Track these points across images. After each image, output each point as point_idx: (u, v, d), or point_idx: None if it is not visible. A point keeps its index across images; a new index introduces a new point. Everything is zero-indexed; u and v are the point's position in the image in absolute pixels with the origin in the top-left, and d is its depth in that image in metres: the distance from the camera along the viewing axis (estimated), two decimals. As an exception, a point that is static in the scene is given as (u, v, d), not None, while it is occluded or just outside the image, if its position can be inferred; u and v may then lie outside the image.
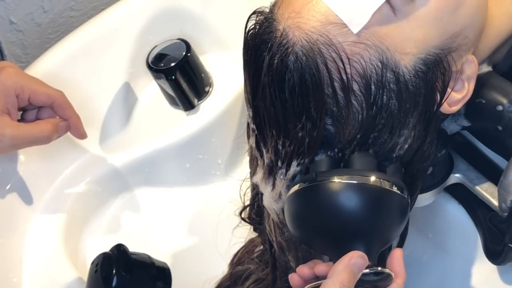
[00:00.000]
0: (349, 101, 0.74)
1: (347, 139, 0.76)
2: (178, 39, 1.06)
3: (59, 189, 1.03)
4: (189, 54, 1.04)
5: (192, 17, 1.10)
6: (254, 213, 0.91)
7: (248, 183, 0.92)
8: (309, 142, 0.76)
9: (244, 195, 0.92)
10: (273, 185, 0.80)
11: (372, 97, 0.75)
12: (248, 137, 0.84)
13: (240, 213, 0.93)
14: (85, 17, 1.18)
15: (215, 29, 1.12)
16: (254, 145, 0.82)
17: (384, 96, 0.75)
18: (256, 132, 0.81)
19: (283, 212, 0.80)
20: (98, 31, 1.06)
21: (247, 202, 0.92)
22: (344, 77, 0.74)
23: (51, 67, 1.02)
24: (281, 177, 0.79)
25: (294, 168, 0.78)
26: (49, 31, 1.17)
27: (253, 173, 0.87)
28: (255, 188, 0.89)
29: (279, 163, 0.79)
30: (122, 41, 1.07)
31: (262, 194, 0.84)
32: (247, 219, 0.93)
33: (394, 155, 0.78)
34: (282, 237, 0.85)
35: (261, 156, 0.81)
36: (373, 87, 0.75)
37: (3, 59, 1.17)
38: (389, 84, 0.75)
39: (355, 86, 0.74)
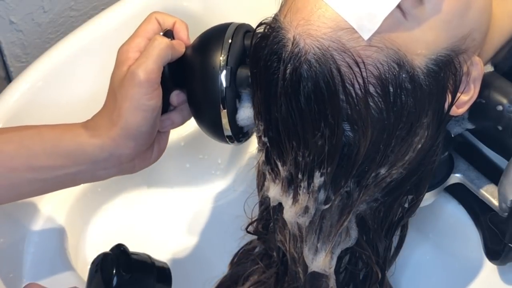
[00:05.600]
0: (367, 103, 0.74)
1: (369, 141, 0.75)
2: (178, 39, 1.06)
3: (59, 189, 1.03)
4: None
5: (192, 17, 1.10)
6: (261, 226, 0.92)
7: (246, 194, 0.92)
8: (329, 150, 0.76)
9: (252, 211, 0.93)
10: (295, 198, 0.80)
11: (391, 97, 0.75)
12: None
13: (246, 228, 0.93)
14: (85, 17, 1.18)
15: (215, 29, 1.11)
16: (264, 158, 0.82)
17: (402, 96, 0.75)
18: (268, 145, 0.80)
19: (309, 226, 0.81)
20: (98, 31, 1.06)
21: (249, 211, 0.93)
22: (360, 81, 0.74)
23: (51, 67, 1.02)
24: (304, 190, 0.79)
25: (318, 179, 0.78)
26: (49, 31, 1.17)
27: (260, 187, 0.87)
28: (263, 203, 0.89)
29: (300, 175, 0.78)
30: (122, 41, 1.06)
31: (277, 207, 0.84)
32: (252, 232, 0.93)
33: (407, 159, 0.78)
34: (295, 249, 0.85)
35: (272, 169, 0.81)
36: (390, 87, 0.75)
37: (3, 59, 1.17)
38: (404, 83, 0.75)
39: (372, 89, 0.74)
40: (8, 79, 1.20)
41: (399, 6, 0.74)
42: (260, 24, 0.81)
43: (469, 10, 0.78)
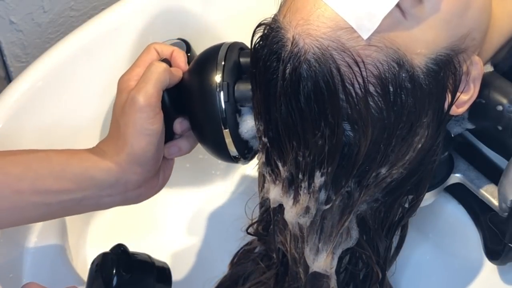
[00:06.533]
0: (367, 103, 0.74)
1: (369, 141, 0.75)
2: (178, 39, 1.06)
3: (59, 189, 1.02)
4: (189, 54, 1.04)
5: (192, 17, 1.10)
6: (262, 228, 0.92)
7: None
8: (329, 150, 0.76)
9: (253, 212, 0.92)
10: (296, 199, 0.80)
11: (391, 96, 0.75)
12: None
13: (247, 229, 0.93)
14: (85, 17, 1.18)
15: (215, 29, 1.11)
16: (264, 160, 0.82)
17: (402, 95, 0.75)
18: (268, 145, 0.80)
19: (310, 226, 0.81)
20: (98, 31, 1.06)
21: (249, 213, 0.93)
22: (360, 80, 0.74)
23: (51, 67, 1.02)
24: (305, 190, 0.79)
25: (318, 179, 0.78)
26: (49, 31, 1.17)
27: (261, 188, 0.87)
28: (263, 205, 0.89)
29: (300, 175, 0.78)
30: (122, 41, 1.07)
31: (277, 208, 0.84)
32: (252, 233, 0.93)
33: (407, 159, 0.78)
34: (296, 250, 0.85)
35: (272, 171, 0.81)
36: (390, 87, 0.75)
37: (3, 59, 1.17)
38: (404, 83, 0.75)
39: (371, 88, 0.74)
40: (8, 79, 1.20)
41: (398, 6, 0.74)
42: (259, 25, 0.81)
43: (469, 9, 0.78)
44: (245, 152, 0.85)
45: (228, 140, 0.83)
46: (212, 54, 0.85)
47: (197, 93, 0.84)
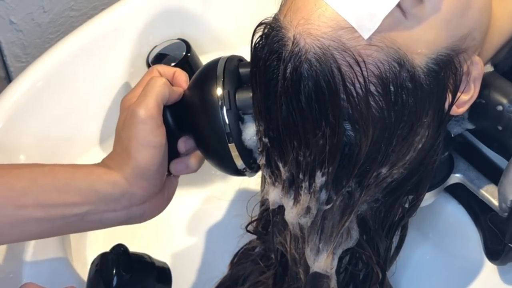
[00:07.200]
0: (368, 102, 0.74)
1: (370, 141, 0.75)
2: (178, 39, 1.06)
3: (59, 189, 1.02)
4: (189, 54, 1.04)
5: (192, 17, 1.10)
6: (261, 226, 0.92)
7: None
8: (330, 150, 0.76)
9: (253, 209, 0.92)
10: (296, 199, 0.80)
11: (392, 96, 0.75)
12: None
13: (246, 227, 0.93)
14: (85, 17, 1.18)
15: (215, 29, 1.12)
16: (264, 161, 0.82)
17: (403, 95, 0.75)
18: (269, 145, 0.80)
19: (310, 227, 0.81)
20: (98, 31, 1.06)
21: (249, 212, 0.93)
22: (361, 80, 0.74)
23: (51, 67, 1.02)
24: (306, 190, 0.79)
25: (319, 179, 0.78)
26: (49, 31, 1.17)
27: (263, 188, 0.87)
28: (264, 204, 0.89)
29: (301, 175, 0.78)
30: (122, 41, 1.07)
31: (277, 210, 0.83)
32: (252, 231, 0.93)
33: (407, 159, 0.78)
34: (296, 250, 0.85)
35: (272, 172, 0.81)
36: (391, 86, 0.75)
37: (3, 59, 1.17)
38: (405, 83, 0.75)
39: (372, 88, 0.74)
40: (8, 79, 1.20)
41: (399, 5, 0.74)
42: (260, 24, 0.81)
43: (469, 9, 0.78)
44: (250, 163, 0.85)
45: (235, 154, 0.83)
46: (211, 68, 0.84)
47: (199, 108, 0.83)
